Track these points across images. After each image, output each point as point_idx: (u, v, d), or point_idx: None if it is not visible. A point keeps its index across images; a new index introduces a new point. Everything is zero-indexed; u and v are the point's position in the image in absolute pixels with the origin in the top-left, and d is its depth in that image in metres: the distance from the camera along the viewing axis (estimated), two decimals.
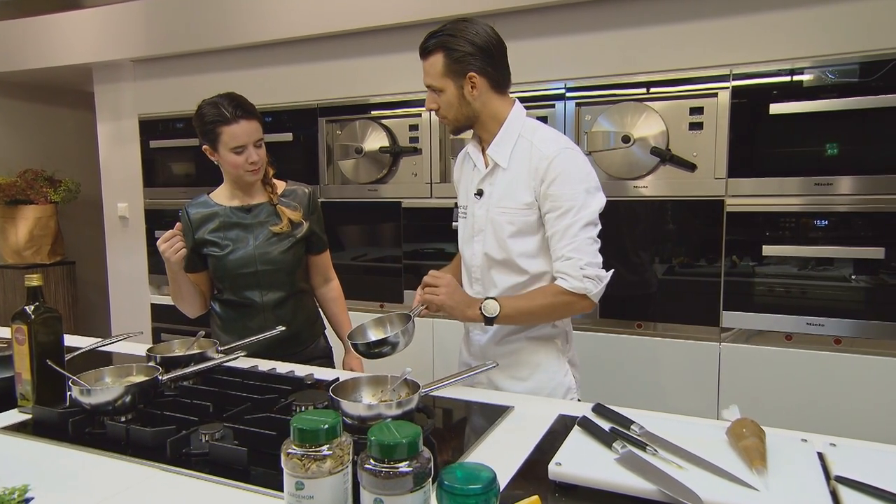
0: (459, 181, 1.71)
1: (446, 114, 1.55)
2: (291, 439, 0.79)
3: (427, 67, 1.53)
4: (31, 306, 1.40)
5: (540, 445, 1.18)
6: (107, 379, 1.38)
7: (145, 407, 1.32)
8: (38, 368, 1.39)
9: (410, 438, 0.73)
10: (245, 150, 1.73)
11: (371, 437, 0.74)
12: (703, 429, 1.16)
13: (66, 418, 1.26)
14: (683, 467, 1.00)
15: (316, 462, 0.77)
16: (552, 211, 1.47)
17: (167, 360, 1.52)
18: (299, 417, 0.80)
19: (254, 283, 1.81)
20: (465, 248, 1.66)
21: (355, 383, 1.23)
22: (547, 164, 1.47)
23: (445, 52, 1.49)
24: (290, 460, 0.78)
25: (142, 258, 3.63)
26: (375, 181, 2.89)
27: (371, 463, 0.74)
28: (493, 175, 1.57)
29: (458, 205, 1.70)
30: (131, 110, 3.58)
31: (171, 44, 3.29)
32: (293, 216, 1.82)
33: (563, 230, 1.46)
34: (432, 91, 1.55)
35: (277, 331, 1.71)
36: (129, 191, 3.65)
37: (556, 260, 1.48)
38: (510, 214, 1.53)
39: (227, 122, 1.71)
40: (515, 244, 1.53)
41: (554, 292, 1.47)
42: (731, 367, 2.32)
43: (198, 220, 1.83)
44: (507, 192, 1.54)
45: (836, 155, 2.14)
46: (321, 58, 2.99)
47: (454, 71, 1.50)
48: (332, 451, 0.79)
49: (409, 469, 0.73)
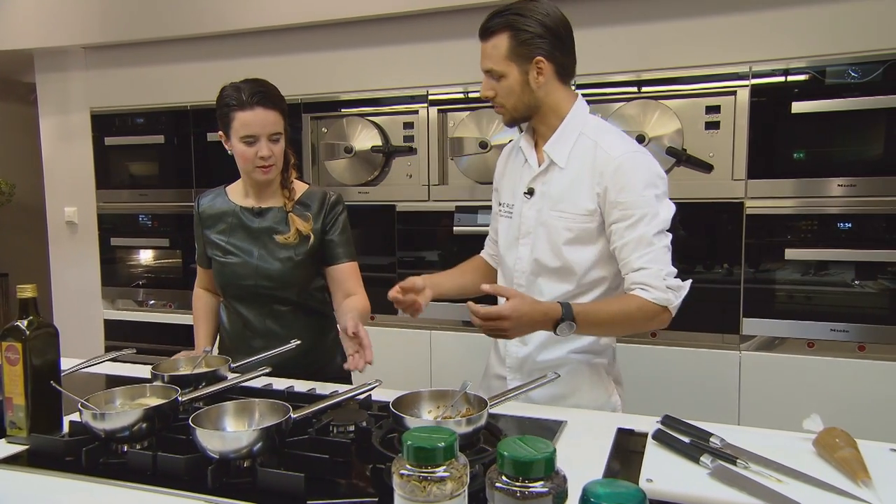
0: (503, 176, 1.69)
1: (504, 101, 1.51)
2: (405, 458, 0.77)
3: (489, 49, 1.49)
4: (25, 321, 1.31)
5: (612, 461, 1.18)
6: (117, 402, 1.31)
7: (163, 432, 1.26)
8: (34, 392, 1.31)
9: (548, 455, 0.72)
10: (257, 141, 1.67)
11: (503, 451, 0.72)
12: (787, 440, 1.18)
13: (78, 447, 1.19)
14: (783, 481, 1.02)
15: (436, 484, 0.75)
16: (622, 220, 1.43)
17: (176, 379, 1.45)
18: (411, 434, 0.78)
19: (251, 298, 1.76)
20: (507, 253, 1.62)
21: (413, 399, 1.21)
22: (614, 168, 1.44)
23: (512, 33, 1.46)
24: (407, 482, 0.75)
25: (94, 269, 3.48)
26: (366, 183, 2.86)
27: (503, 481, 0.73)
28: (548, 174, 1.54)
29: (501, 202, 1.66)
30: (82, 103, 3.43)
31: (132, 30, 3.18)
32: (303, 227, 1.74)
33: (636, 240, 1.42)
34: (490, 76, 1.50)
35: (293, 345, 1.66)
36: (78, 193, 3.50)
37: (632, 271, 1.43)
38: (568, 220, 1.50)
39: (240, 106, 1.65)
40: (572, 252, 1.50)
41: (638, 305, 1.41)
42: (752, 377, 2.38)
43: (209, 215, 1.78)
44: (566, 195, 1.50)
45: (860, 155, 2.23)
46: (305, 49, 2.94)
47: (520, 54, 1.47)
48: (449, 471, 0.76)
49: (547, 489, 0.72)
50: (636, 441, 1.27)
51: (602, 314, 1.42)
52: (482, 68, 1.52)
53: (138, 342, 3.04)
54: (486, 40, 1.50)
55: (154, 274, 3.38)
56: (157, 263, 3.37)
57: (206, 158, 3.16)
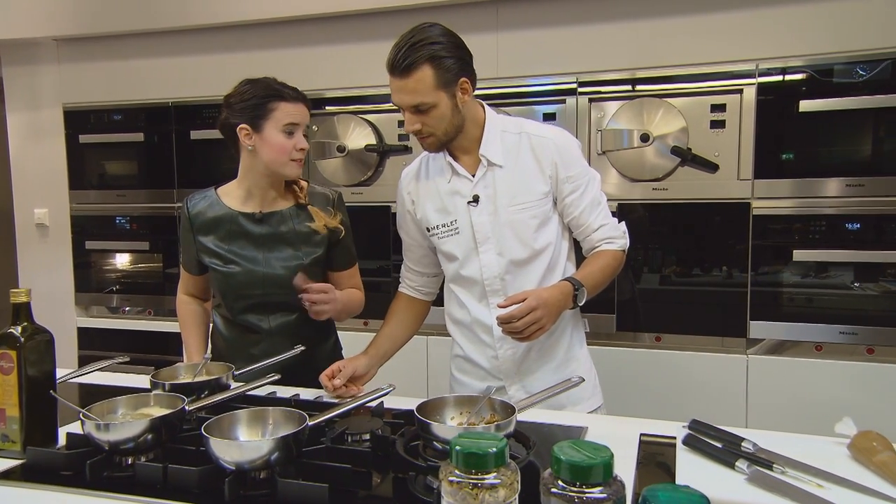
0: (422, 199, 1.68)
1: (434, 130, 1.55)
2: (453, 464, 0.76)
3: (412, 84, 1.49)
4: (19, 327, 1.29)
5: (641, 468, 1.19)
6: (119, 412, 1.28)
7: (170, 443, 1.24)
8: (29, 403, 1.29)
9: (606, 460, 0.72)
10: (297, 131, 1.69)
11: (560, 456, 0.72)
12: (821, 445, 1.19)
13: (81, 460, 1.16)
14: (823, 486, 1.03)
15: (488, 491, 0.75)
16: (575, 191, 1.61)
17: (178, 388, 1.43)
18: (460, 440, 0.77)
19: (258, 306, 1.74)
20: (465, 266, 1.64)
21: (436, 405, 1.21)
22: (554, 148, 1.60)
23: (434, 63, 1.48)
24: (458, 489, 0.75)
25: (66, 274, 3.41)
26: (360, 183, 2.85)
27: (559, 486, 0.73)
28: (488, 176, 1.60)
29: (433, 226, 1.66)
30: (53, 99, 3.37)
31: (108, 21, 3.12)
32: (329, 221, 1.76)
33: (590, 203, 1.62)
34: (416, 111, 1.52)
35: (297, 351, 1.65)
36: (49, 194, 3.42)
37: (593, 231, 1.63)
38: (531, 208, 1.60)
39: (285, 98, 1.67)
40: (540, 237, 1.61)
41: (611, 256, 1.63)
42: (760, 381, 2.41)
43: (203, 221, 1.75)
44: (518, 187, 1.60)
45: (868, 155, 2.28)
46: (292, 44, 2.91)
47: (447, 81, 1.50)
48: (500, 478, 0.76)
49: (605, 495, 0.72)
50: (661, 446, 1.28)
51: (596, 275, 1.58)
52: (406, 104, 1.52)
53: (114, 351, 2.98)
54: (406, 76, 1.49)
55: (132, 279, 3.32)
56: (136, 268, 3.32)
57: (188, 158, 3.11)
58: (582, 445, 0.75)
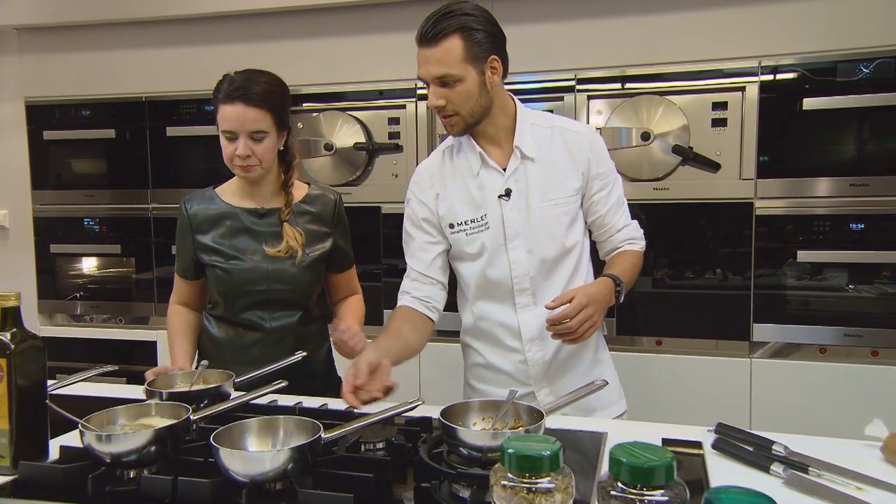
0: (449, 193, 1.65)
1: (459, 108, 1.53)
2: (506, 468, 0.76)
3: (440, 55, 1.48)
4: (8, 333, 1.25)
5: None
6: (118, 423, 1.26)
7: (174, 455, 1.22)
8: (19, 414, 1.25)
9: (668, 462, 0.73)
10: (235, 138, 1.66)
11: (620, 458, 0.73)
12: (852, 448, 1.22)
13: (81, 474, 1.13)
14: (862, 489, 1.05)
15: (544, 496, 0.75)
16: (603, 189, 1.65)
17: (176, 396, 1.41)
18: (512, 442, 0.78)
19: (261, 303, 1.75)
20: (492, 264, 1.61)
21: (459, 410, 1.21)
22: (588, 144, 1.63)
23: (465, 34, 1.48)
24: (514, 494, 0.75)
25: (28, 279, 3.33)
26: (348, 183, 2.83)
27: (619, 488, 0.73)
28: (521, 170, 1.60)
29: (467, 220, 1.62)
30: (14, 92, 3.28)
31: (75, 10, 3.06)
32: (294, 244, 1.73)
33: (615, 203, 1.67)
34: (442, 83, 1.50)
35: (298, 357, 1.64)
36: (9, 194, 3.34)
37: (617, 231, 1.67)
38: (563, 205, 1.61)
39: (222, 99, 1.65)
40: (570, 234, 1.63)
41: (637, 256, 1.68)
42: (764, 385, 2.45)
43: (202, 219, 1.75)
44: (550, 183, 1.60)
45: (873, 154, 2.34)
46: (275, 36, 2.89)
47: (476, 55, 1.50)
48: (555, 482, 0.76)
49: (667, 498, 0.72)
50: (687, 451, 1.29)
51: (629, 273, 1.62)
52: (431, 76, 1.51)
53: (81, 361, 2.92)
54: (434, 45, 1.49)
55: (100, 285, 3.26)
56: (106, 273, 3.25)
57: (164, 156, 3.07)
58: (641, 447, 0.75)
